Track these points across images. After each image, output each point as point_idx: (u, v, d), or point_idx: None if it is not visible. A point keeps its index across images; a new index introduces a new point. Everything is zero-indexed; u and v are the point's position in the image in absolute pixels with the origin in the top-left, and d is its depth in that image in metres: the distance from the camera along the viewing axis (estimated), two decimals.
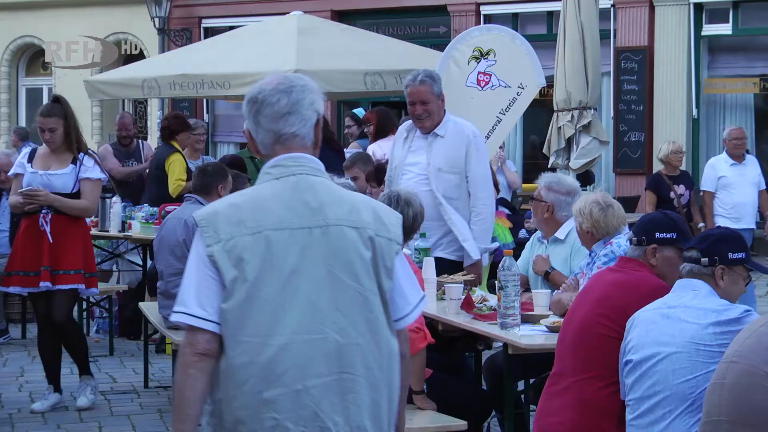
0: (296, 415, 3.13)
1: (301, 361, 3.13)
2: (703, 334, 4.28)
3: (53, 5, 21.70)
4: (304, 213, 3.21)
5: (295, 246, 3.18)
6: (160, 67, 13.68)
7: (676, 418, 4.28)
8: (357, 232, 3.23)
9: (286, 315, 3.14)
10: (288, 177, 3.24)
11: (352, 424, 3.18)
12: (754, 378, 3.57)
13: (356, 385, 3.18)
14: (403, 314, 3.35)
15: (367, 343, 3.20)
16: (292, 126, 3.28)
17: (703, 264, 4.45)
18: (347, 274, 3.20)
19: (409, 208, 5.91)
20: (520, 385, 6.30)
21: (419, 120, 7.30)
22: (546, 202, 6.70)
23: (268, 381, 3.12)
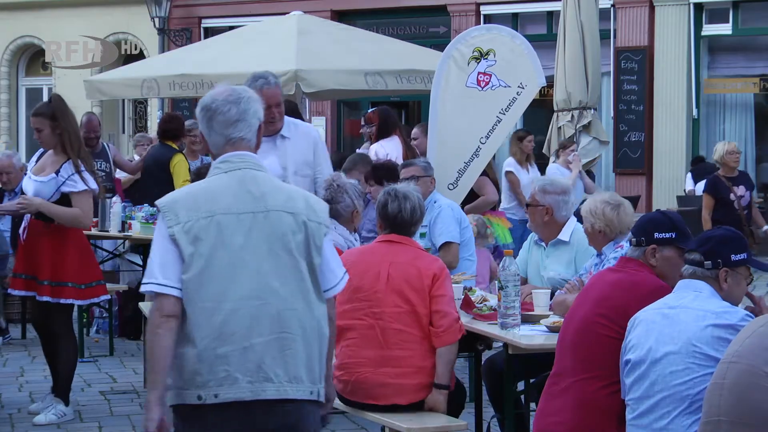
0: (244, 367, 3.75)
1: (248, 323, 3.76)
2: (700, 335, 4.27)
3: (53, 5, 21.70)
4: (249, 201, 3.86)
5: (241, 227, 3.82)
6: (160, 67, 13.67)
7: (675, 419, 4.28)
8: (292, 217, 3.88)
9: (235, 284, 3.77)
10: (235, 171, 3.90)
11: (290, 375, 3.80)
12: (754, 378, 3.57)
13: (293, 343, 3.81)
14: (331, 285, 3.99)
15: (302, 308, 3.84)
16: (240, 131, 3.95)
17: (706, 267, 4.44)
18: (285, 251, 3.85)
19: (406, 202, 5.90)
20: (520, 385, 6.30)
21: (272, 123, 6.87)
22: (543, 205, 6.68)
23: (221, 339, 3.75)
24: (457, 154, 9.38)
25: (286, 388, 3.80)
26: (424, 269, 5.77)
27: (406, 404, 5.74)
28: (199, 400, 3.75)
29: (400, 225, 5.90)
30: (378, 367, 5.74)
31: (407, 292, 5.74)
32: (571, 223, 6.75)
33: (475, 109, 9.39)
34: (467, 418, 6.65)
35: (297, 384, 3.82)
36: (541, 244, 6.80)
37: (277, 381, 3.78)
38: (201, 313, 3.76)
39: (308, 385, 3.85)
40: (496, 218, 9.62)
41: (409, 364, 5.74)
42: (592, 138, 12.85)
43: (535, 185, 6.81)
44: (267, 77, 6.78)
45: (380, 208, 5.95)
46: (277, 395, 3.78)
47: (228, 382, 3.75)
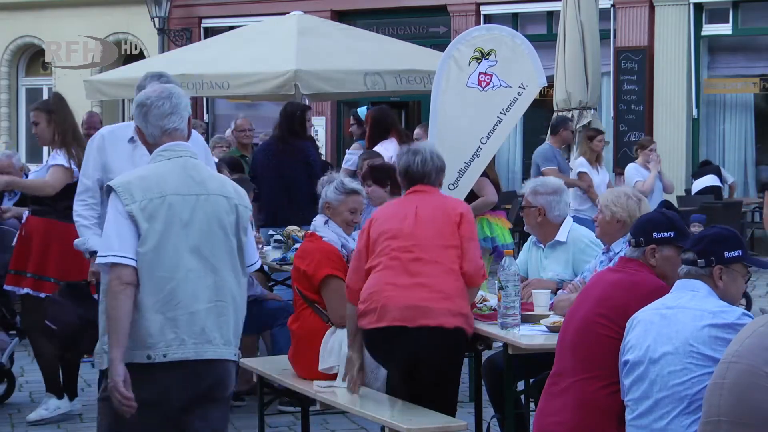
0: (190, 330, 4.25)
1: (192, 292, 4.27)
2: (697, 335, 4.27)
3: (53, 5, 21.70)
4: (192, 184, 4.36)
5: (187, 207, 4.31)
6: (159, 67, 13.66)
7: (674, 419, 4.28)
8: (227, 201, 4.41)
9: (182, 258, 4.27)
10: (177, 158, 4.40)
11: (225, 338, 4.34)
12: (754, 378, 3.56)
13: (226, 310, 4.35)
14: (253, 261, 4.52)
15: (232, 280, 4.38)
16: (174, 123, 4.44)
17: (699, 265, 4.44)
18: (221, 230, 4.37)
19: (416, 156, 6.03)
20: (520, 385, 6.30)
21: None
22: (536, 206, 6.68)
23: (171, 305, 4.24)
24: (457, 154, 9.37)
25: (221, 350, 4.33)
26: (451, 207, 5.97)
27: (434, 326, 5.71)
28: (148, 360, 4.22)
29: (414, 176, 6.03)
30: (405, 290, 5.75)
31: (435, 226, 5.86)
32: (568, 223, 6.75)
33: (475, 109, 9.39)
34: (467, 418, 6.65)
35: (228, 346, 4.37)
36: (540, 245, 6.80)
37: (215, 343, 4.31)
38: (154, 282, 4.23)
39: (234, 348, 4.42)
40: (496, 218, 9.61)
41: (437, 289, 5.77)
42: None
43: (525, 188, 6.81)
44: (167, 75, 6.58)
45: (399, 169, 6.13)
46: (214, 355, 4.31)
47: (176, 343, 4.24)
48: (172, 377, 4.25)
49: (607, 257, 6.06)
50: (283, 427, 7.59)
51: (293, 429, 7.50)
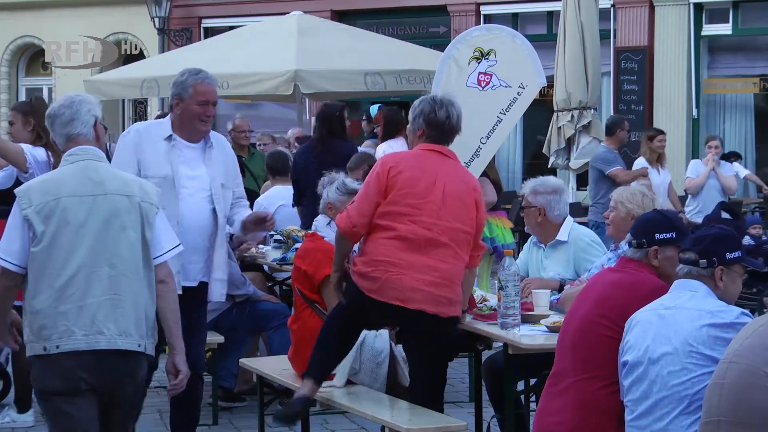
0: (80, 322, 4.52)
1: (83, 286, 4.53)
2: (696, 335, 4.27)
3: (53, 5, 21.70)
4: (90, 185, 4.63)
5: (83, 207, 4.59)
6: (159, 67, 13.69)
7: (674, 419, 4.27)
8: (128, 199, 4.67)
9: (75, 254, 4.54)
10: (79, 162, 4.68)
11: (120, 329, 4.55)
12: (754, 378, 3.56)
13: (123, 303, 4.57)
14: (160, 253, 4.73)
15: (132, 274, 4.61)
16: (75, 128, 4.75)
17: (701, 266, 4.44)
18: (120, 228, 4.62)
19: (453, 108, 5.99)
20: (520, 385, 6.30)
21: (205, 123, 6.20)
22: (536, 206, 6.68)
23: (62, 299, 4.53)
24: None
25: (116, 341, 4.54)
26: (472, 187, 5.97)
27: (431, 313, 5.71)
28: (45, 351, 4.52)
29: (448, 133, 6.00)
30: (415, 272, 5.70)
31: (460, 211, 5.83)
32: (568, 222, 6.75)
33: (475, 109, 9.37)
34: (467, 418, 6.65)
35: (126, 337, 4.57)
36: (540, 245, 6.80)
37: (108, 334, 4.53)
38: (47, 278, 4.53)
39: (136, 339, 4.59)
40: (496, 218, 9.61)
41: (445, 276, 5.75)
42: (592, 138, 12.85)
43: (525, 188, 6.81)
44: (207, 73, 6.23)
45: (426, 115, 5.97)
46: (108, 346, 4.53)
47: (67, 335, 4.51)
48: (72, 367, 4.52)
49: (616, 255, 6.05)
50: (283, 427, 7.59)
51: (293, 429, 7.51)
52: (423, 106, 5.96)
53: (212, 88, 6.17)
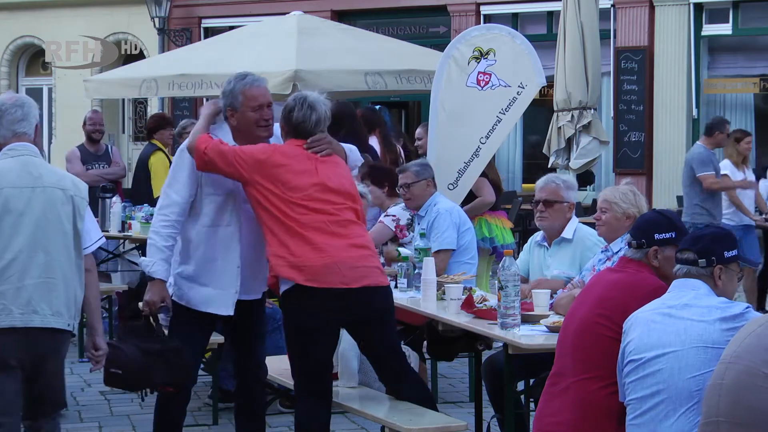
0: (17, 302, 4.97)
1: (21, 269, 4.99)
2: (711, 330, 4.27)
3: (53, 5, 21.69)
4: (29, 179, 5.09)
5: (22, 198, 5.05)
6: (159, 67, 13.67)
7: (680, 417, 4.27)
8: (63, 192, 5.13)
9: (14, 240, 4.99)
10: (19, 156, 5.14)
11: (53, 310, 5.02)
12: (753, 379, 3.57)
13: (56, 286, 5.04)
14: (88, 245, 5.22)
15: (65, 261, 5.08)
16: (23, 128, 5.23)
17: (700, 265, 4.45)
18: (55, 218, 5.08)
19: (312, 113, 5.83)
20: (520, 385, 6.30)
21: (265, 128, 5.94)
22: (568, 201, 6.73)
23: (1, 281, 4.95)
24: (457, 154, 9.38)
25: (49, 320, 5.01)
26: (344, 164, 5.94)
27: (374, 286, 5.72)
28: None
29: (304, 134, 5.84)
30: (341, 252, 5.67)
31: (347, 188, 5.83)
32: (574, 221, 6.77)
33: (475, 109, 9.39)
34: (467, 418, 6.66)
35: (58, 317, 5.04)
36: (544, 244, 6.80)
37: (42, 314, 4.99)
38: None
39: (66, 319, 5.07)
40: (495, 218, 9.61)
41: (367, 247, 5.80)
42: (592, 138, 12.83)
43: (553, 181, 6.79)
44: (254, 75, 6.06)
45: (287, 113, 5.87)
46: (41, 324, 5.00)
47: (5, 313, 4.95)
48: (5, 343, 4.95)
49: (605, 256, 6.07)
50: (283, 427, 7.60)
51: (293, 429, 7.51)
52: (288, 102, 5.91)
53: (262, 90, 5.93)
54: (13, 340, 4.97)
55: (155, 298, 5.79)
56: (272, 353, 7.68)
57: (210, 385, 7.87)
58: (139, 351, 5.72)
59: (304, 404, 5.82)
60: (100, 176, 11.37)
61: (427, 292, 6.62)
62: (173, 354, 5.73)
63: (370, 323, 5.80)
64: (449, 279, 6.77)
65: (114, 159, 11.74)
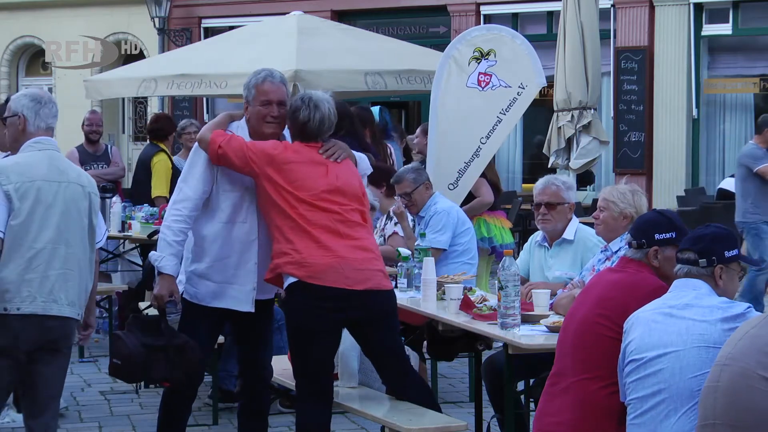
0: (41, 290, 5.19)
1: (47, 260, 5.21)
2: (712, 330, 4.27)
3: (53, 5, 21.70)
4: (56, 173, 5.31)
5: (51, 191, 5.26)
6: (159, 67, 13.67)
7: (681, 417, 4.26)
8: (82, 189, 5.37)
9: (42, 232, 5.21)
10: (45, 150, 5.34)
11: (69, 300, 5.27)
12: (748, 380, 3.57)
13: (73, 277, 5.29)
14: (99, 239, 5.49)
15: (81, 253, 5.34)
16: (53, 123, 5.45)
17: (701, 265, 4.45)
18: (77, 212, 5.33)
19: (316, 112, 5.82)
20: (520, 385, 6.30)
21: (271, 123, 5.92)
22: (569, 202, 6.74)
23: (29, 269, 5.18)
24: (457, 154, 9.38)
25: (65, 309, 5.25)
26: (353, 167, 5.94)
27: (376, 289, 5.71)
28: (5, 311, 5.14)
29: (311, 134, 5.83)
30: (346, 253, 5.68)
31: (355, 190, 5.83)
32: (574, 221, 6.77)
33: (475, 110, 9.39)
34: (467, 418, 6.66)
35: (72, 306, 5.28)
36: (544, 244, 6.80)
37: (60, 303, 5.23)
38: (18, 249, 5.17)
39: (78, 309, 5.33)
40: (495, 218, 9.61)
41: (372, 250, 5.80)
42: (592, 138, 12.84)
43: (553, 183, 6.78)
44: (272, 72, 5.99)
45: (291, 113, 5.85)
46: (59, 313, 5.24)
47: (29, 300, 5.17)
48: (23, 327, 5.16)
49: (604, 255, 6.06)
50: (283, 427, 7.60)
51: (293, 429, 7.51)
52: (293, 103, 5.89)
53: (275, 87, 5.88)
54: (31, 324, 5.19)
55: (163, 292, 5.80)
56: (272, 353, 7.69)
57: (210, 385, 7.87)
58: (142, 345, 5.77)
59: (304, 404, 5.82)
60: (98, 176, 11.34)
61: (427, 292, 6.62)
62: (175, 351, 5.74)
63: (371, 325, 5.80)
64: (449, 279, 6.77)
65: (113, 159, 11.70)
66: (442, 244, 7.93)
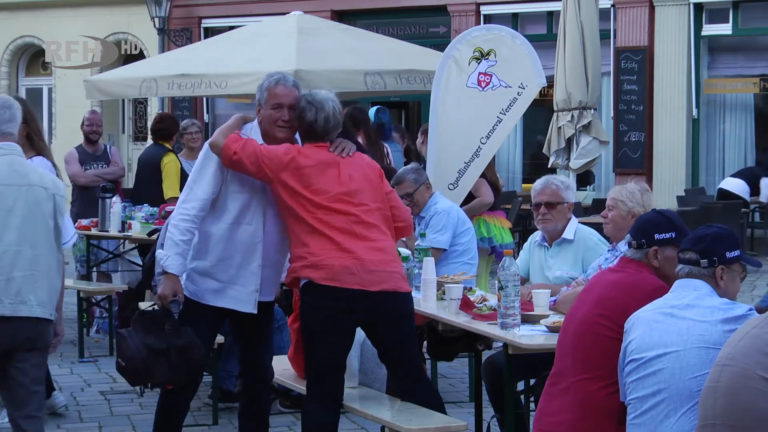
0: (7, 292, 5.25)
1: (11, 262, 5.27)
2: (713, 331, 4.26)
3: (53, 5, 21.70)
4: (16, 177, 5.37)
5: (11, 195, 5.32)
6: (159, 67, 13.67)
7: (681, 417, 4.27)
8: (45, 191, 5.42)
9: (5, 235, 5.28)
10: (6, 155, 5.40)
11: (39, 300, 5.31)
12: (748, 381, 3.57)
13: (40, 278, 5.34)
14: (66, 240, 5.54)
15: (49, 255, 5.40)
16: (10, 128, 5.51)
17: (702, 265, 4.45)
18: (40, 214, 5.37)
19: (321, 111, 5.80)
20: (520, 385, 6.30)
21: (283, 128, 5.90)
22: (568, 201, 6.74)
23: None
24: (457, 154, 9.38)
25: (35, 309, 5.31)
26: (368, 163, 5.92)
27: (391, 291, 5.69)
28: None
29: (321, 133, 5.81)
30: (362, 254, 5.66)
31: (372, 191, 5.79)
32: (574, 221, 6.77)
33: (475, 110, 9.39)
34: (467, 418, 6.66)
35: (42, 307, 5.33)
36: (544, 244, 6.80)
37: (29, 304, 5.28)
38: None
39: (50, 309, 5.39)
40: (494, 218, 9.61)
41: (389, 252, 5.77)
42: (592, 138, 12.86)
43: (553, 183, 6.79)
44: (286, 76, 5.98)
45: (298, 114, 5.82)
46: (29, 313, 5.30)
47: None
48: None
49: (613, 255, 6.05)
50: (283, 427, 7.60)
51: (293, 429, 7.51)
52: (299, 105, 5.87)
53: (287, 91, 5.85)
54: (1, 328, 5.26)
55: (167, 292, 5.78)
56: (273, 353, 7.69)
57: (210, 385, 7.87)
58: (145, 347, 5.73)
59: (312, 404, 5.81)
60: (97, 176, 11.35)
61: (427, 292, 6.62)
62: (177, 353, 5.72)
63: (385, 327, 5.78)
64: (449, 279, 6.77)
65: (113, 159, 11.69)
66: (442, 244, 7.93)
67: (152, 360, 5.72)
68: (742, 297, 12.18)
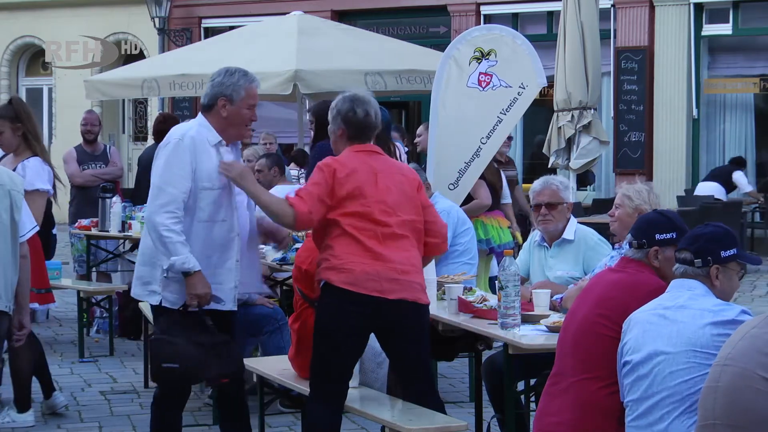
0: None
1: None
2: (699, 334, 4.27)
3: (53, 5, 21.71)
4: None
5: None
6: (160, 67, 13.68)
7: (675, 419, 4.28)
8: (1, 188, 5.52)
9: None
10: None
11: None
12: (748, 381, 3.57)
13: None
14: (24, 233, 5.72)
15: (3, 249, 5.51)
16: None
17: (696, 265, 4.45)
18: None
19: (369, 106, 5.79)
20: (520, 385, 6.30)
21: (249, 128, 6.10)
22: (567, 201, 6.75)
23: None
24: (457, 154, 9.38)
25: None
26: (407, 174, 5.87)
27: (411, 301, 5.66)
28: None
29: (367, 130, 5.81)
30: (386, 262, 5.64)
31: (406, 202, 5.75)
32: (573, 221, 6.77)
33: (475, 110, 9.39)
34: (467, 418, 6.66)
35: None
36: (544, 244, 6.80)
37: None
38: None
39: (5, 302, 5.53)
40: (492, 219, 9.61)
41: (413, 264, 5.72)
42: (592, 138, 12.85)
43: (552, 183, 6.80)
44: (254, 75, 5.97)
45: (344, 114, 5.78)
46: None
47: None
48: None
49: (619, 254, 6.05)
50: (283, 427, 7.60)
51: (293, 429, 7.51)
52: (340, 105, 5.82)
53: (257, 91, 5.93)
54: None
55: (207, 289, 5.68)
56: (272, 353, 7.68)
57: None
58: (193, 345, 5.67)
59: (316, 405, 5.80)
60: (95, 176, 11.35)
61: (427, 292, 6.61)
62: (224, 346, 5.72)
63: (397, 336, 5.75)
64: (449, 279, 6.77)
65: (111, 159, 11.68)
66: None
67: (204, 355, 5.67)
68: (742, 297, 12.18)
